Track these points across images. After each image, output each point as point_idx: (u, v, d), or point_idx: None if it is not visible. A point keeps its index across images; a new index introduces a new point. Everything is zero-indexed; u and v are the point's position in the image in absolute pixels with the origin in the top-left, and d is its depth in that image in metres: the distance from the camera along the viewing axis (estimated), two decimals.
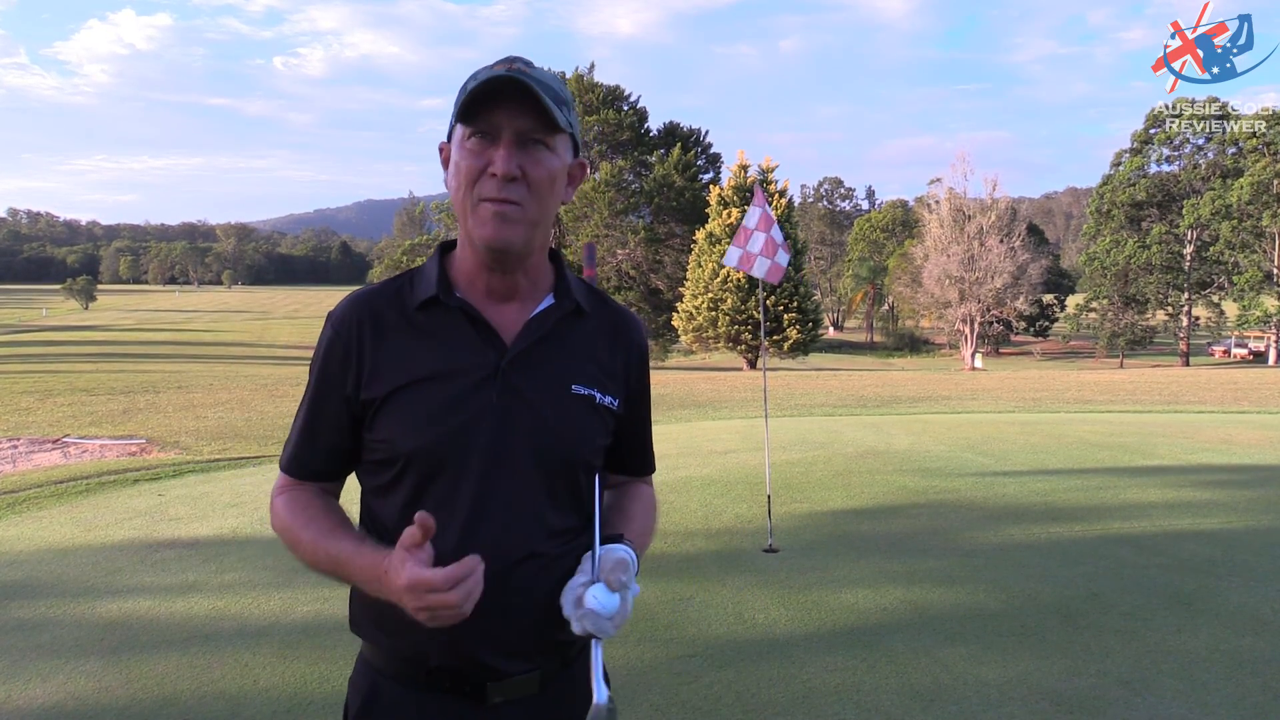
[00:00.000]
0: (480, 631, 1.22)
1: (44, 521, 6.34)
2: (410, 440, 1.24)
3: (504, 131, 1.20)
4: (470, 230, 1.25)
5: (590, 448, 1.33)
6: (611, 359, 1.38)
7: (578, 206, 39.00)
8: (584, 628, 1.21)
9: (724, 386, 21.01)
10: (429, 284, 1.29)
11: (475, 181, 1.22)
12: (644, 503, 1.48)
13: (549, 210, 1.27)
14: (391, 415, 1.25)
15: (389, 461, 1.26)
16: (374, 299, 1.31)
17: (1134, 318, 52.91)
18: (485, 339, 1.27)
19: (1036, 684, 3.46)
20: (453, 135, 1.27)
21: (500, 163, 1.19)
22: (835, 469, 8.04)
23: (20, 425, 11.80)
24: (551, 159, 1.24)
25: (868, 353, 66.30)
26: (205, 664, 3.66)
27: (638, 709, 3.25)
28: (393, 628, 1.26)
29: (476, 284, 1.30)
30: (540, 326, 1.30)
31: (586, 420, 1.32)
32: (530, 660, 1.28)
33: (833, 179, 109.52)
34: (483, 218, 1.22)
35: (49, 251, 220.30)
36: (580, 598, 1.22)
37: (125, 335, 57.79)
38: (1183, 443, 9.72)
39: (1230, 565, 5.00)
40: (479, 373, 1.25)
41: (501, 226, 1.22)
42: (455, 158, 1.25)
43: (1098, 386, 20.53)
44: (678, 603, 4.45)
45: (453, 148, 1.27)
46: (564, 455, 1.29)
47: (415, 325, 1.28)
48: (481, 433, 1.24)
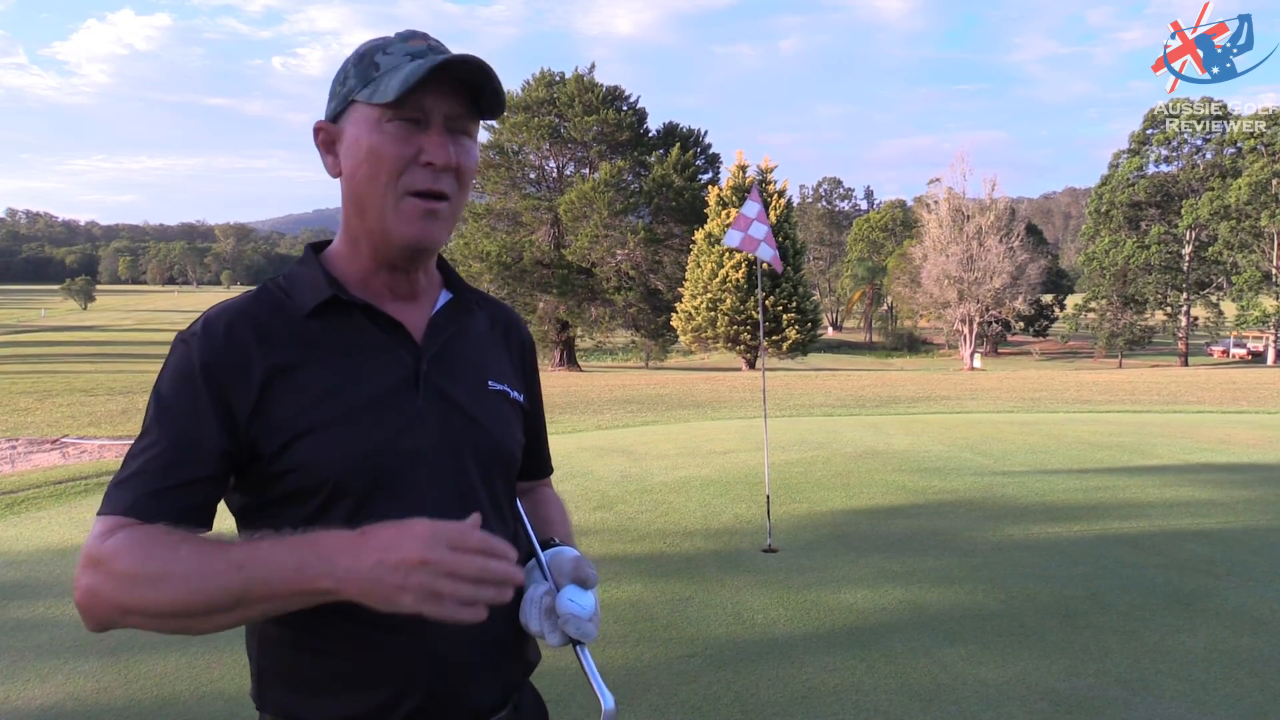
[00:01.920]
0: (460, 660, 1.11)
1: (43, 522, 6.33)
2: (336, 463, 1.05)
3: (435, 116, 1.08)
4: (389, 227, 1.10)
5: (517, 445, 1.25)
6: (510, 355, 1.30)
7: (577, 206, 38.96)
8: (566, 636, 1.12)
9: (723, 387, 21.01)
10: (317, 287, 1.13)
11: (402, 172, 1.08)
12: (558, 506, 1.41)
13: (466, 201, 1.16)
14: (306, 438, 1.06)
15: (306, 491, 1.06)
16: (250, 310, 1.11)
17: (1132, 318, 52.93)
18: (396, 340, 1.14)
19: (1035, 684, 3.46)
20: (347, 114, 1.11)
21: (440, 151, 1.07)
22: (834, 469, 8.04)
23: (19, 425, 11.79)
24: (474, 148, 1.13)
25: (866, 353, 66.33)
26: (204, 664, 3.66)
27: (637, 709, 3.25)
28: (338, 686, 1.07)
29: (373, 284, 1.16)
30: (448, 323, 1.20)
31: (508, 417, 1.24)
32: (501, 693, 1.17)
33: (831, 179, 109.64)
34: (409, 215, 1.09)
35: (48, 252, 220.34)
36: (550, 607, 1.12)
37: (124, 335, 57.77)
38: (1181, 443, 9.73)
39: (1229, 565, 5.01)
40: (395, 377, 1.12)
41: (430, 226, 1.10)
42: (368, 141, 1.08)
43: (1096, 386, 20.54)
44: (676, 603, 4.45)
45: (356, 126, 1.09)
46: (499, 456, 1.20)
47: (309, 335, 1.10)
48: (415, 441, 1.10)
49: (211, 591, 0.94)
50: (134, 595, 0.95)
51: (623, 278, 40.38)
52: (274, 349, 1.08)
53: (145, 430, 1.07)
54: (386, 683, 1.08)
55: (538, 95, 41.28)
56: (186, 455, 1.04)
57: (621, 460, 8.67)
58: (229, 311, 1.11)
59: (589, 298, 41.50)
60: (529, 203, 41.94)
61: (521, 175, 43.01)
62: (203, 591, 0.94)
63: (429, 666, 1.09)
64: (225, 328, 1.09)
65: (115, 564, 0.96)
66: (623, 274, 40.29)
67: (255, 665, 1.14)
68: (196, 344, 1.07)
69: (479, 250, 39.17)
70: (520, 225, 42.09)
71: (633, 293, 40.54)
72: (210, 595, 0.94)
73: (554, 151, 43.12)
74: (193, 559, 0.95)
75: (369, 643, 1.08)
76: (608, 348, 52.60)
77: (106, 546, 0.97)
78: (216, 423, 1.05)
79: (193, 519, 1.04)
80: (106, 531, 0.99)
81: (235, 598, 0.94)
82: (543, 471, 1.44)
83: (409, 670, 1.08)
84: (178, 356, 1.08)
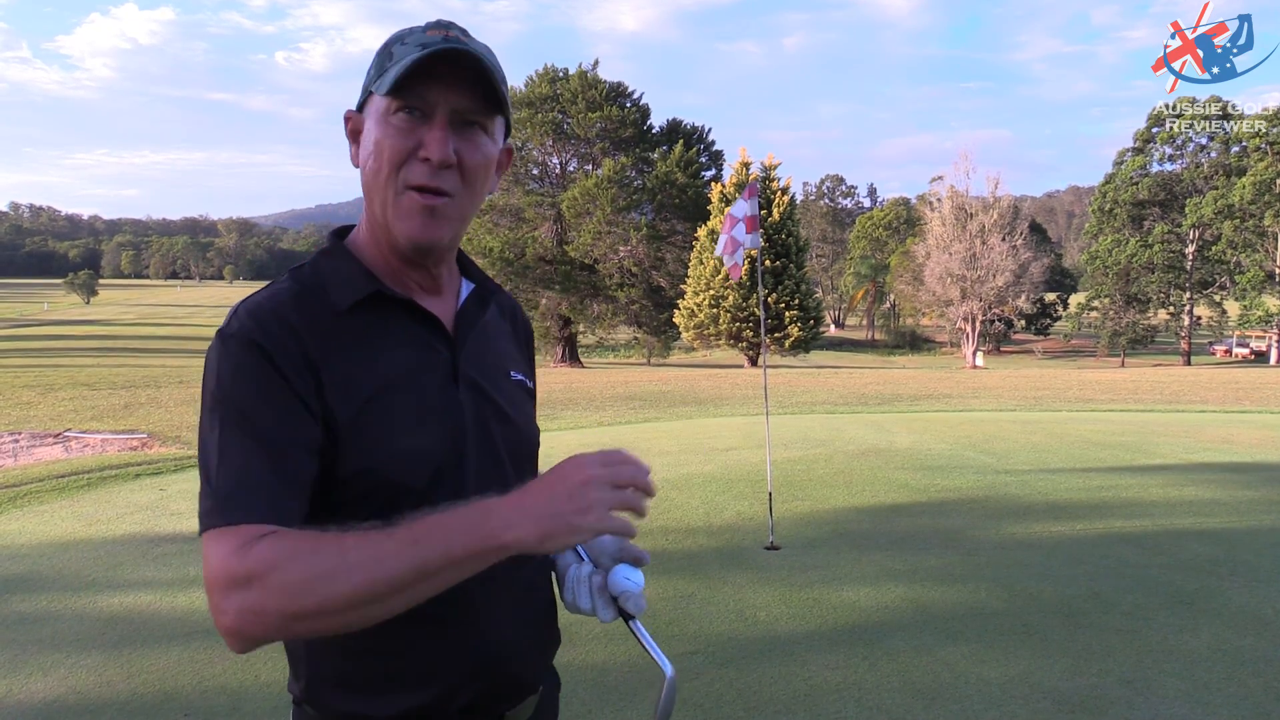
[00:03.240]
0: (518, 646, 1.16)
1: (45, 516, 6.34)
2: (399, 465, 1.05)
3: (439, 109, 1.04)
4: (390, 222, 1.08)
5: (537, 433, 1.28)
6: (517, 342, 1.32)
7: (580, 203, 38.94)
8: (618, 611, 1.13)
9: (725, 384, 21.01)
10: (354, 281, 1.10)
11: (401, 165, 1.05)
12: None
13: (478, 202, 1.12)
14: (363, 440, 1.04)
15: (371, 491, 1.04)
16: (292, 303, 1.07)
17: (1135, 317, 52.84)
18: (434, 335, 1.14)
19: (1038, 683, 3.46)
20: (368, 105, 1.09)
21: (436, 146, 1.03)
22: (837, 467, 8.03)
23: (22, 419, 11.81)
24: (488, 144, 1.09)
25: (869, 350, 66.27)
26: (207, 658, 3.67)
27: (639, 707, 3.24)
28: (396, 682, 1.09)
29: (404, 277, 1.14)
30: (474, 316, 1.20)
31: (527, 406, 1.26)
32: (541, 674, 1.23)
33: (834, 176, 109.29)
34: (407, 210, 1.06)
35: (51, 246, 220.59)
36: (602, 585, 1.13)
37: (127, 330, 57.84)
38: (1184, 442, 9.71)
39: (1232, 565, 5.00)
40: (439, 373, 1.12)
41: (429, 224, 1.07)
42: (375, 133, 1.06)
43: (1099, 385, 20.51)
44: (679, 600, 4.45)
45: (369, 119, 1.08)
46: (526, 447, 1.23)
47: (349, 332, 1.07)
48: (465, 438, 1.12)
49: (392, 572, 0.90)
50: (309, 599, 0.90)
51: (625, 274, 40.36)
52: (320, 344, 1.05)
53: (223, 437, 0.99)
54: (441, 676, 1.10)
55: (541, 91, 41.23)
56: (287, 450, 0.99)
57: None
58: (273, 302, 1.06)
59: (591, 294, 41.49)
60: (532, 199, 41.91)
61: (525, 171, 42.97)
62: (384, 574, 0.90)
63: (480, 655, 1.12)
64: (275, 319, 1.04)
65: (278, 574, 0.90)
66: (625, 270, 40.26)
67: (305, 668, 1.12)
68: (253, 336, 1.02)
69: (482, 246, 39.15)
70: (523, 221, 42.08)
71: (635, 289, 40.51)
72: (392, 576, 0.90)
73: (557, 148, 43.08)
74: (363, 547, 0.91)
75: (420, 641, 1.09)
76: (610, 344, 52.61)
77: (256, 560, 0.90)
78: (301, 408, 1.01)
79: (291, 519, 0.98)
80: (243, 546, 0.91)
81: (417, 572, 0.91)
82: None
83: (462, 662, 1.11)
84: (234, 354, 1.01)
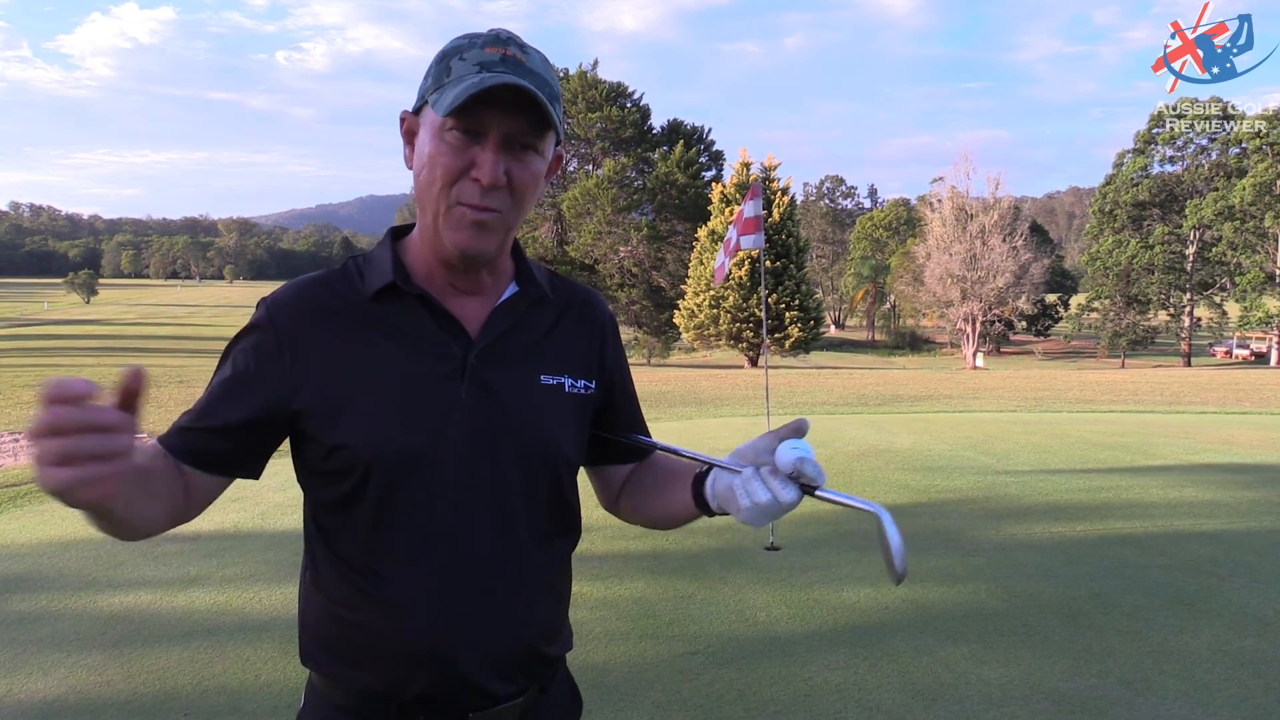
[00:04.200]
0: (473, 647, 1.13)
1: (45, 515, 6.34)
2: (370, 444, 1.10)
3: (492, 132, 1.08)
4: (441, 231, 1.12)
5: (566, 441, 1.23)
6: (579, 342, 1.28)
7: (580, 203, 38.95)
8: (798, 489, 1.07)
9: (725, 384, 21.00)
10: (383, 271, 1.17)
11: (454, 182, 1.09)
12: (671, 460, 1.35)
13: (526, 212, 1.17)
14: (344, 417, 1.11)
15: (344, 471, 1.11)
16: (318, 287, 1.17)
17: (1136, 318, 52.86)
18: (448, 331, 1.15)
19: (1038, 683, 3.45)
20: (424, 112, 1.12)
21: (487, 170, 1.07)
22: (837, 467, 8.03)
23: (22, 418, 11.82)
24: (538, 162, 1.13)
25: (869, 351, 66.28)
26: (207, 658, 3.66)
27: (639, 706, 3.24)
28: (359, 657, 1.14)
29: (436, 277, 1.18)
30: (507, 317, 1.20)
31: (558, 412, 1.22)
32: (517, 683, 1.19)
33: (834, 177, 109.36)
34: (458, 222, 1.11)
35: (51, 245, 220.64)
36: (773, 468, 1.07)
37: (127, 329, 57.85)
38: (1184, 443, 9.71)
39: (1232, 566, 5.00)
40: (444, 367, 1.14)
41: (478, 236, 1.11)
42: (430, 147, 1.10)
43: (1099, 386, 20.52)
44: (679, 600, 4.45)
45: (425, 129, 1.11)
46: (542, 452, 1.19)
47: (368, 316, 1.15)
48: (453, 431, 1.12)
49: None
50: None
51: (626, 275, 40.40)
52: (327, 327, 1.14)
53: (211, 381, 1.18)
54: (395, 662, 1.12)
55: None
56: (213, 410, 1.14)
57: None
58: (304, 282, 1.19)
59: None
60: None
61: None
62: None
63: (430, 651, 1.12)
64: (292, 298, 1.16)
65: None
66: (626, 271, 40.30)
67: (301, 623, 1.23)
68: (262, 311, 1.16)
69: None
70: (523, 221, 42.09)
71: (636, 290, 40.55)
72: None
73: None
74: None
75: (382, 622, 1.13)
76: None
77: None
78: (247, 391, 1.13)
79: (199, 462, 1.14)
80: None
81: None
82: (639, 453, 1.39)
83: (412, 653, 1.12)
84: (251, 319, 1.17)
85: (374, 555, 1.13)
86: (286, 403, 1.13)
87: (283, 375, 1.13)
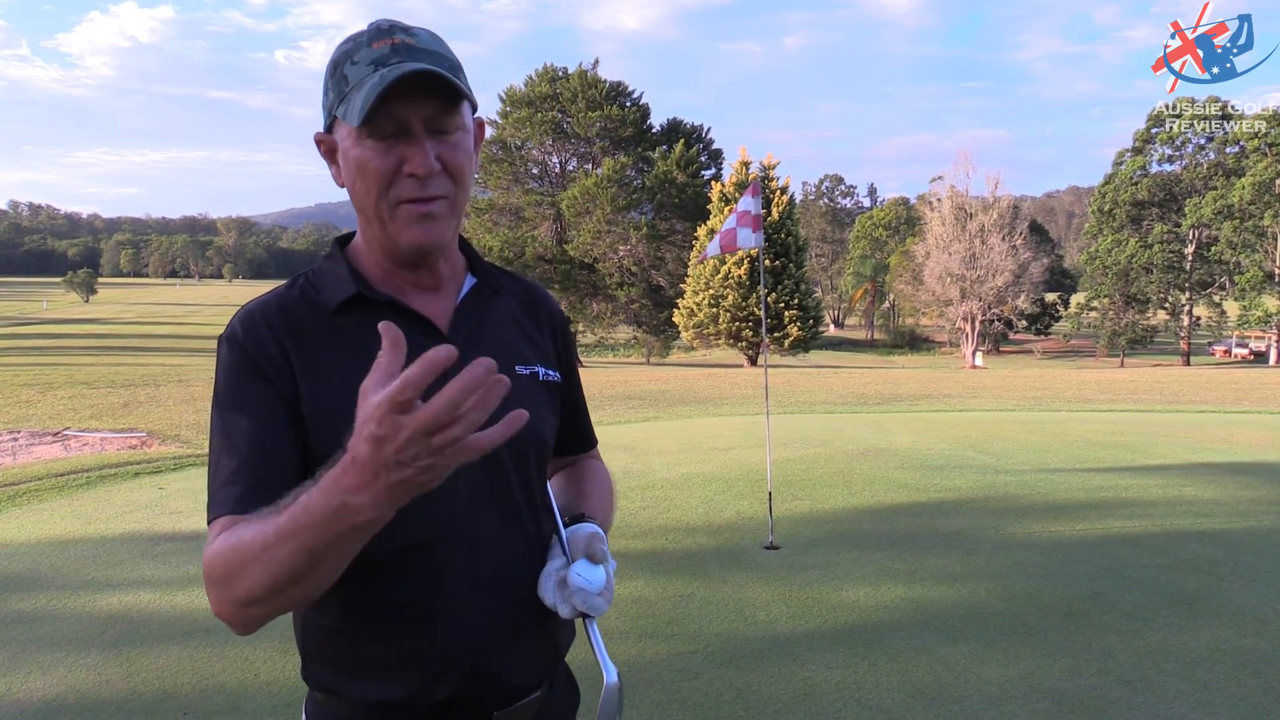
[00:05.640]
0: (503, 645, 1.14)
1: (44, 514, 6.34)
2: None
3: (412, 123, 1.06)
4: (392, 234, 1.11)
5: (549, 430, 1.26)
6: (538, 334, 1.31)
7: (580, 202, 38.91)
8: (573, 608, 1.15)
9: (725, 383, 21.00)
10: (342, 283, 1.15)
11: (389, 184, 1.08)
12: (598, 478, 1.41)
13: (469, 191, 1.16)
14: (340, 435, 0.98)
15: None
16: (283, 306, 1.14)
17: (1135, 317, 52.87)
18: (422, 332, 1.14)
19: (1038, 683, 3.46)
20: (337, 127, 1.10)
21: (420, 162, 1.06)
22: (836, 466, 8.03)
23: (21, 418, 11.80)
24: (464, 139, 1.12)
25: (868, 350, 66.29)
26: (206, 658, 3.66)
27: (639, 706, 3.24)
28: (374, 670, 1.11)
29: (395, 278, 1.17)
30: (473, 310, 1.21)
31: (539, 400, 1.25)
32: (538, 676, 1.21)
33: (834, 176, 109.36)
34: (405, 220, 1.10)
35: (50, 244, 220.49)
36: (563, 579, 1.15)
37: (126, 328, 57.81)
38: (1184, 442, 9.71)
39: (1232, 565, 5.00)
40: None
41: (429, 228, 1.10)
42: (355, 155, 1.08)
43: (1099, 385, 20.52)
44: (679, 599, 4.45)
45: (344, 141, 1.09)
46: (533, 442, 1.21)
47: (338, 330, 1.13)
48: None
49: (284, 567, 0.92)
50: (236, 592, 0.96)
51: (625, 274, 40.33)
52: (305, 345, 1.12)
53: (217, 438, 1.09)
54: (422, 668, 1.11)
55: (541, 90, 41.19)
56: (260, 453, 1.07)
57: (623, 456, 8.66)
58: (263, 306, 1.15)
59: (591, 294, 41.47)
60: (531, 198, 41.88)
61: (524, 170, 42.93)
62: (278, 570, 0.92)
63: (464, 652, 1.12)
64: (263, 322, 1.12)
65: (211, 571, 0.99)
66: (625, 270, 40.23)
67: (300, 646, 1.19)
68: (240, 340, 1.11)
69: (482, 245, 39.13)
70: (523, 220, 42.06)
71: (635, 289, 40.48)
72: (286, 570, 0.92)
73: (557, 147, 43.04)
74: (256, 543, 0.93)
75: (405, 630, 1.11)
76: (610, 343, 52.57)
77: (207, 559, 1.01)
78: (277, 405, 1.08)
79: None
80: (209, 544, 1.02)
81: (306, 560, 0.91)
82: (585, 445, 1.46)
83: (444, 656, 1.11)
84: (226, 358, 1.11)
85: (389, 567, 1.10)
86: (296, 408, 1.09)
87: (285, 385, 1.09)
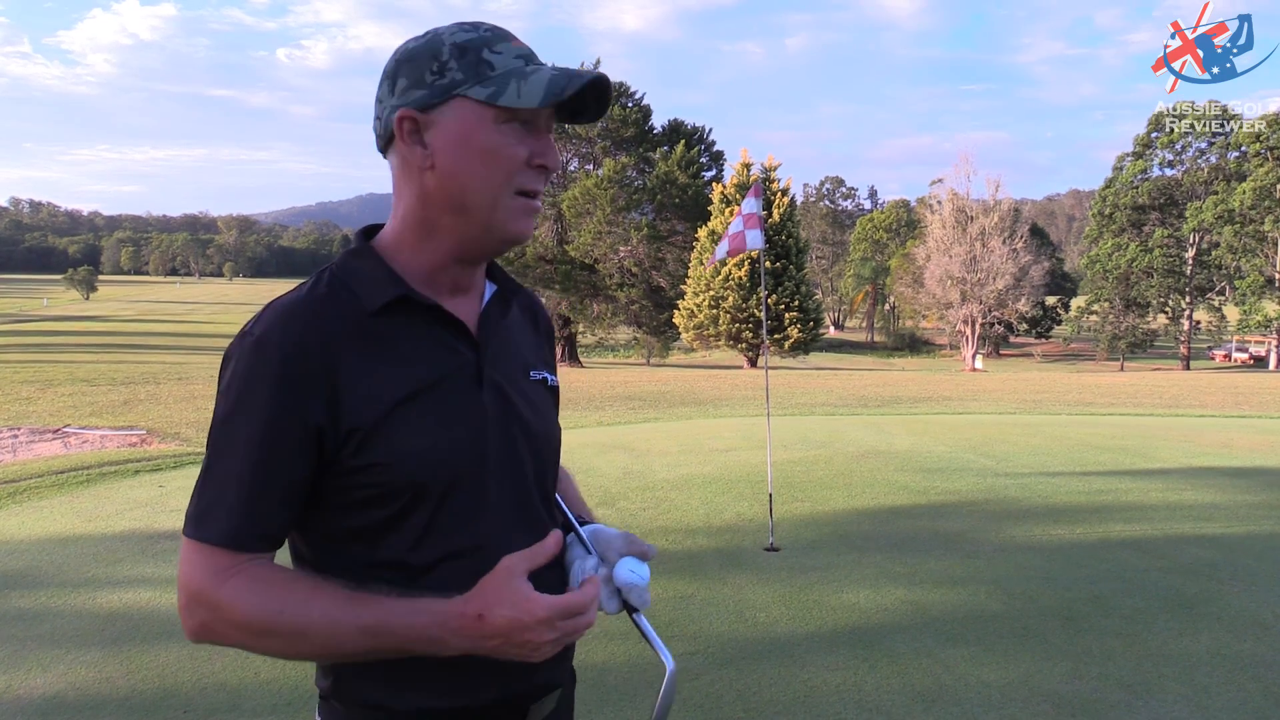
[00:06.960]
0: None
1: (44, 511, 6.34)
2: (423, 463, 1.06)
3: (545, 121, 1.12)
4: (496, 224, 1.11)
5: (559, 434, 1.29)
6: (538, 339, 1.33)
7: (580, 203, 38.90)
8: (621, 604, 1.17)
9: (725, 385, 21.00)
10: (382, 284, 1.11)
11: (516, 172, 1.10)
12: (572, 481, 1.44)
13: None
14: (392, 439, 1.06)
15: (389, 494, 1.06)
16: (318, 307, 1.08)
17: (1135, 321, 52.90)
18: (459, 339, 1.14)
19: (1038, 686, 3.46)
20: (444, 107, 1.07)
21: (554, 157, 1.12)
22: (836, 468, 8.03)
23: (21, 415, 11.80)
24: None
25: (868, 352, 66.29)
26: (206, 656, 3.66)
27: (639, 706, 3.24)
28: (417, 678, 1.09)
29: (439, 279, 1.15)
30: (496, 317, 1.21)
31: (550, 405, 1.28)
32: (563, 668, 1.24)
33: (834, 178, 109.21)
34: (520, 212, 1.11)
35: (50, 241, 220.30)
36: (607, 577, 1.16)
37: (126, 326, 57.82)
38: (1184, 446, 9.71)
39: (1232, 569, 5.00)
40: (464, 375, 1.13)
41: (530, 222, 1.14)
42: (484, 141, 1.07)
43: (1099, 389, 20.53)
44: (679, 600, 4.45)
45: (461, 122, 1.07)
46: (549, 447, 1.23)
47: (377, 334, 1.09)
48: (488, 440, 1.13)
49: (344, 650, 1.02)
50: (262, 643, 1.03)
51: (625, 274, 40.32)
52: (346, 349, 1.06)
53: (226, 443, 1.04)
54: (466, 675, 1.11)
55: None
56: (271, 471, 1.04)
57: (623, 457, 8.67)
58: (296, 307, 1.08)
59: (591, 294, 41.46)
60: None
61: None
62: (336, 649, 1.02)
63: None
64: (296, 328, 1.05)
65: (238, 613, 1.01)
66: (625, 271, 40.23)
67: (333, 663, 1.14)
68: (276, 342, 1.04)
69: None
70: None
71: (635, 289, 40.48)
72: (343, 653, 1.03)
73: (558, 147, 43.02)
74: (325, 621, 1.00)
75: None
76: (610, 344, 52.59)
77: (228, 595, 1.01)
78: (298, 430, 1.03)
79: (277, 540, 1.08)
80: (219, 572, 1.02)
81: (367, 654, 1.03)
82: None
83: (486, 662, 1.09)
84: (253, 362, 1.04)
85: (430, 575, 1.09)
86: (330, 430, 1.04)
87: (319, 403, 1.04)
